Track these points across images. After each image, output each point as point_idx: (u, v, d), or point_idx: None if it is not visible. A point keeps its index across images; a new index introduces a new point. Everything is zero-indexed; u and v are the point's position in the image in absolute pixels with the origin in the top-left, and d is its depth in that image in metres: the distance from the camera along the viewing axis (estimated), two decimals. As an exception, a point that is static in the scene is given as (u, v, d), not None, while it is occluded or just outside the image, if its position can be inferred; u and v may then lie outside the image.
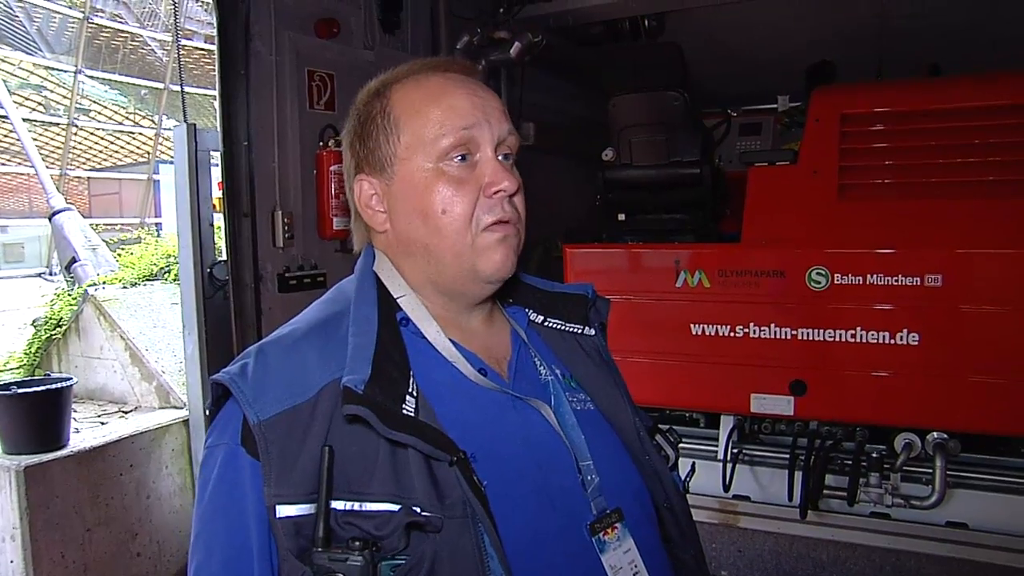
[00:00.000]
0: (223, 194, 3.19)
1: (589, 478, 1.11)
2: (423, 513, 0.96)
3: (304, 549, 0.95)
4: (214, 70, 3.14)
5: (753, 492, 3.59)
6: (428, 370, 1.08)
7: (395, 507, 0.96)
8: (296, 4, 3.36)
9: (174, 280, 4.68)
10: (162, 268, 4.89)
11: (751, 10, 4.75)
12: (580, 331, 1.29)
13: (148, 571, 3.63)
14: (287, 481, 0.96)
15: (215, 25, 3.22)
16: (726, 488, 3.46)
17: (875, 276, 3.10)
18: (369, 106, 1.15)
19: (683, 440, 3.84)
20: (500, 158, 1.12)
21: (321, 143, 3.46)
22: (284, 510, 0.96)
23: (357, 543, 0.93)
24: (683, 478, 1.32)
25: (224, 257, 3.27)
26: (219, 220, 3.31)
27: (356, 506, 0.97)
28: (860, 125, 3.28)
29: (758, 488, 3.58)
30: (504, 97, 4.51)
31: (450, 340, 1.12)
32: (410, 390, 1.01)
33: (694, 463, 3.44)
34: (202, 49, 11.79)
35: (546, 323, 1.27)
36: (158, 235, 7.99)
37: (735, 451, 3.54)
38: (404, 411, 0.98)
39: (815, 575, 3.45)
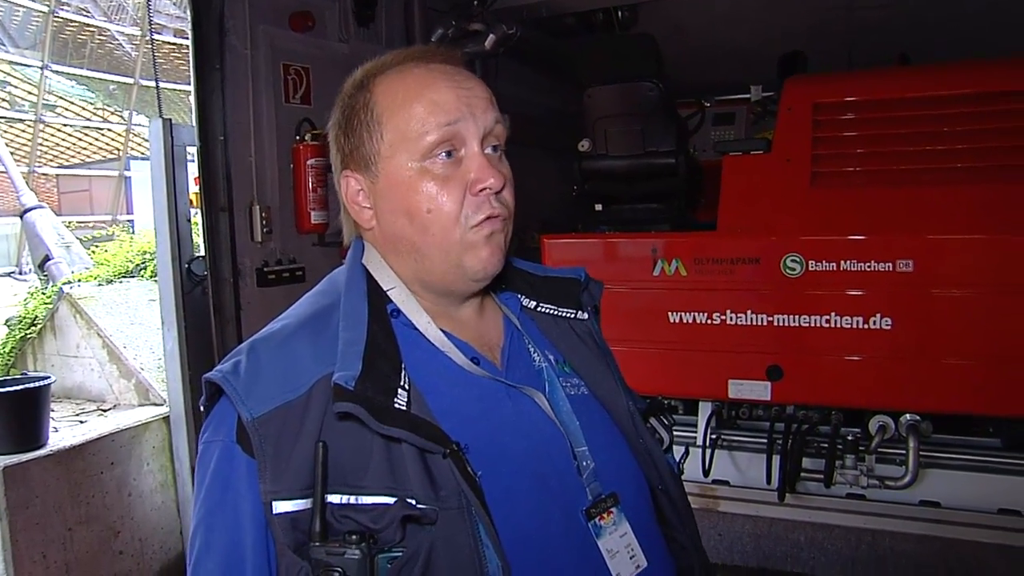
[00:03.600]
0: (200, 189, 3.19)
1: (584, 464, 1.11)
2: (418, 505, 0.96)
3: (301, 544, 0.96)
4: (184, 65, 3.14)
5: (732, 476, 3.66)
6: (420, 361, 1.07)
7: (391, 500, 0.96)
8: (271, -3, 3.34)
9: (151, 277, 4.65)
10: (138, 265, 4.85)
11: (722, 1, 4.80)
12: (573, 315, 1.28)
13: (131, 568, 3.61)
14: (282, 477, 0.96)
15: (189, 20, 3.21)
16: (705, 473, 3.52)
17: (848, 262, 3.16)
18: (353, 99, 1.13)
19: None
20: (488, 150, 1.09)
21: (298, 137, 3.46)
22: (280, 506, 0.96)
23: (354, 536, 0.94)
24: (677, 460, 1.31)
25: (202, 252, 3.27)
26: (196, 215, 3.30)
27: (352, 500, 0.97)
28: (832, 114, 3.33)
29: (737, 472, 3.65)
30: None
31: (441, 330, 1.12)
32: (402, 383, 1.01)
33: (687, 447, 3.51)
34: (172, 43, 11.63)
35: (539, 308, 1.26)
36: (131, 232, 7.89)
37: (713, 437, 3.61)
38: (396, 405, 0.98)
39: (794, 556, 3.53)
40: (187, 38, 3.32)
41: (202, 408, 1.06)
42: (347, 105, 1.13)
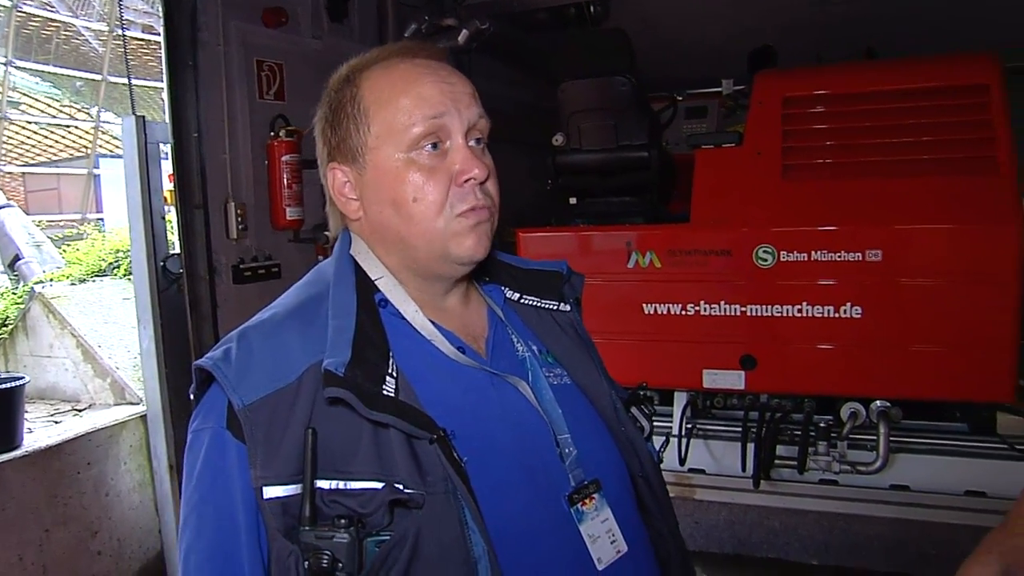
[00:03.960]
0: (174, 186, 3.17)
1: (567, 451, 1.14)
2: (405, 490, 0.98)
3: (291, 528, 0.98)
4: (154, 61, 3.11)
5: (708, 465, 3.71)
6: (407, 350, 1.10)
7: (378, 485, 0.98)
8: (243, -7, 3.33)
9: (124, 275, 4.61)
10: (111, 264, 4.81)
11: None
12: (556, 307, 1.31)
13: (110, 569, 3.60)
14: (273, 463, 0.99)
15: (161, 16, 3.19)
16: (681, 462, 3.58)
17: (819, 252, 3.23)
18: (340, 93, 1.15)
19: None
20: (472, 143, 1.13)
21: (272, 133, 3.45)
22: (271, 491, 0.98)
23: (343, 521, 0.96)
24: (656, 450, 1.34)
25: (177, 250, 3.25)
26: (171, 213, 3.28)
27: (341, 485, 0.99)
28: (801, 107, 3.39)
29: (712, 461, 3.71)
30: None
31: (428, 320, 1.15)
32: (390, 371, 1.04)
33: (667, 436, 3.56)
34: (141, 39, 11.47)
35: (522, 300, 1.30)
36: (102, 230, 7.80)
37: (689, 426, 3.66)
38: (385, 392, 1.01)
39: (769, 542, 3.60)
40: (156, 34, 3.29)
41: (191, 396, 1.08)
42: (334, 99, 1.16)
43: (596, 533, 1.12)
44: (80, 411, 3.97)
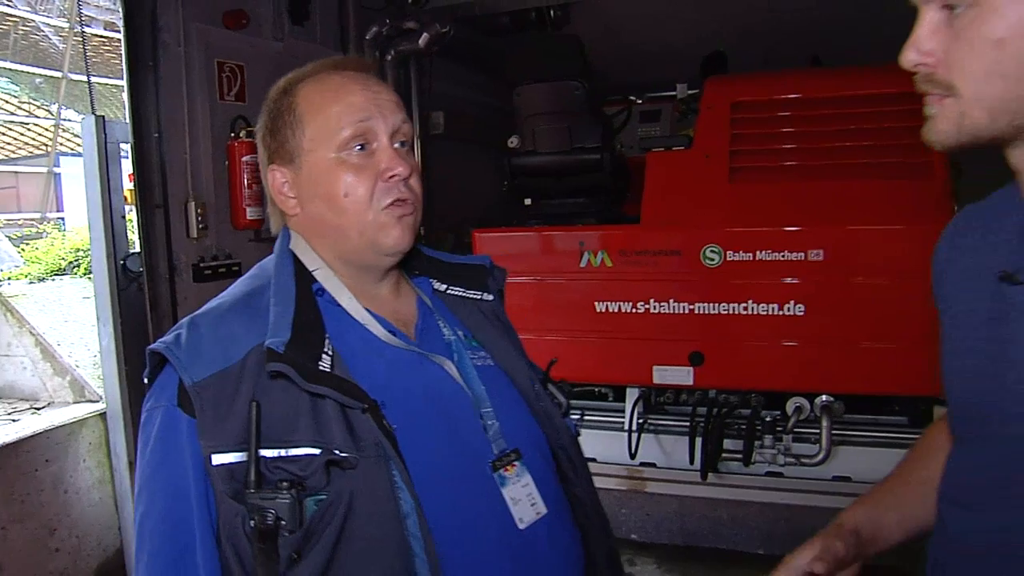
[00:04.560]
0: (135, 186, 3.19)
1: (489, 423, 1.26)
2: (341, 454, 1.09)
3: (238, 492, 1.08)
4: (115, 58, 3.13)
5: (658, 459, 3.83)
6: (342, 333, 1.21)
7: (316, 451, 1.09)
8: (204, -5, 3.35)
9: (84, 274, 4.61)
10: (71, 263, 4.81)
11: (652, 2, 4.96)
12: (480, 297, 1.44)
13: (67, 566, 3.60)
14: (220, 434, 1.09)
15: (121, 18, 3.20)
16: (632, 456, 3.69)
17: (763, 252, 3.36)
18: (278, 103, 1.28)
19: (590, 412, 4.03)
20: (396, 145, 1.25)
21: (232, 134, 3.47)
22: (219, 458, 1.09)
23: (284, 484, 1.07)
24: (574, 424, 1.45)
25: (137, 249, 3.28)
26: (131, 212, 3.31)
27: (283, 452, 1.09)
28: (749, 112, 3.52)
29: (663, 455, 3.82)
30: (414, 86, 4.62)
31: (362, 306, 1.26)
32: (326, 350, 1.15)
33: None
34: (102, 36, 11.36)
35: (448, 291, 1.42)
36: (63, 230, 7.74)
37: (640, 421, 3.77)
38: (321, 367, 1.12)
39: (716, 532, 3.72)
40: (118, 31, 3.31)
41: (145, 380, 1.18)
42: (273, 108, 1.29)
43: (517, 496, 1.23)
44: (39, 409, 3.97)
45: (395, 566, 1.09)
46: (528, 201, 4.00)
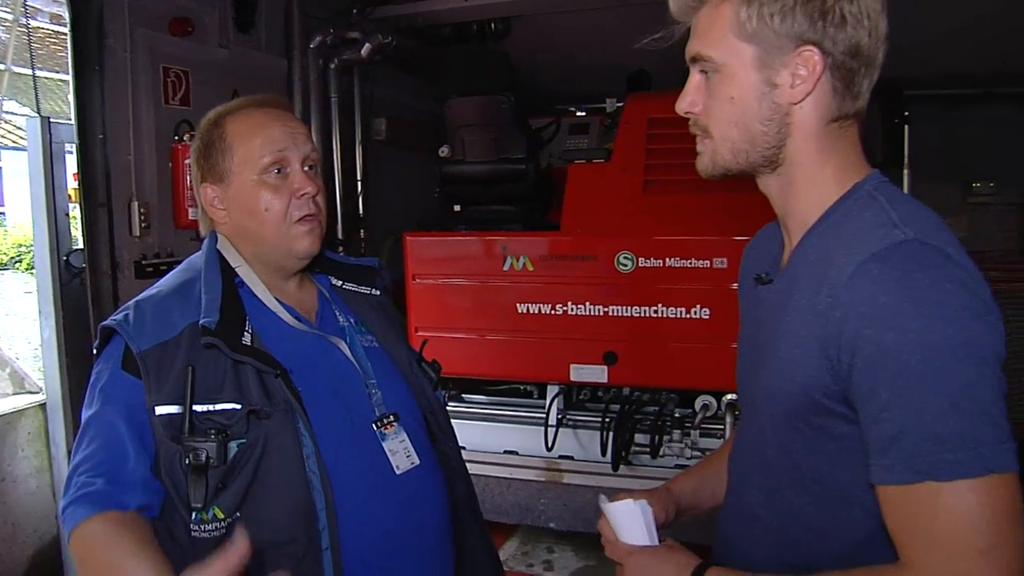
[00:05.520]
0: (79, 185, 3.27)
1: (373, 392, 1.58)
2: (259, 407, 1.39)
3: (176, 436, 1.37)
4: (61, 51, 3.20)
5: (575, 452, 4.03)
6: (258, 317, 1.51)
7: (238, 406, 1.39)
8: (150, 2, 3.47)
9: (26, 269, 4.65)
10: (13, 258, 4.83)
11: (588, 17, 5.16)
12: (369, 292, 1.76)
13: (2, 552, 3.65)
14: (162, 390, 1.38)
15: (68, 22, 3.28)
16: (549, 449, 3.91)
17: (673, 260, 3.61)
18: (209, 132, 1.57)
19: (514, 408, 4.22)
20: (306, 168, 1.56)
21: (176, 137, 3.57)
22: (161, 409, 1.38)
23: (212, 431, 1.36)
24: (443, 395, 1.80)
25: (80, 246, 3.36)
26: (75, 210, 3.39)
27: (211, 407, 1.38)
28: (662, 128, 3.75)
29: (580, 448, 4.03)
30: (357, 93, 4.80)
31: (274, 297, 1.57)
32: (246, 328, 1.46)
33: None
34: (47, 29, 11.22)
35: (344, 286, 1.74)
36: (3, 225, 7.68)
37: (559, 416, 4.00)
38: (243, 341, 1.43)
39: (628, 520, 3.93)
40: (64, 24, 3.38)
41: (94, 351, 1.48)
42: (205, 135, 1.59)
43: (395, 449, 1.55)
44: (-22, 400, 4.02)
45: (298, 495, 1.39)
46: (458, 207, 4.22)
